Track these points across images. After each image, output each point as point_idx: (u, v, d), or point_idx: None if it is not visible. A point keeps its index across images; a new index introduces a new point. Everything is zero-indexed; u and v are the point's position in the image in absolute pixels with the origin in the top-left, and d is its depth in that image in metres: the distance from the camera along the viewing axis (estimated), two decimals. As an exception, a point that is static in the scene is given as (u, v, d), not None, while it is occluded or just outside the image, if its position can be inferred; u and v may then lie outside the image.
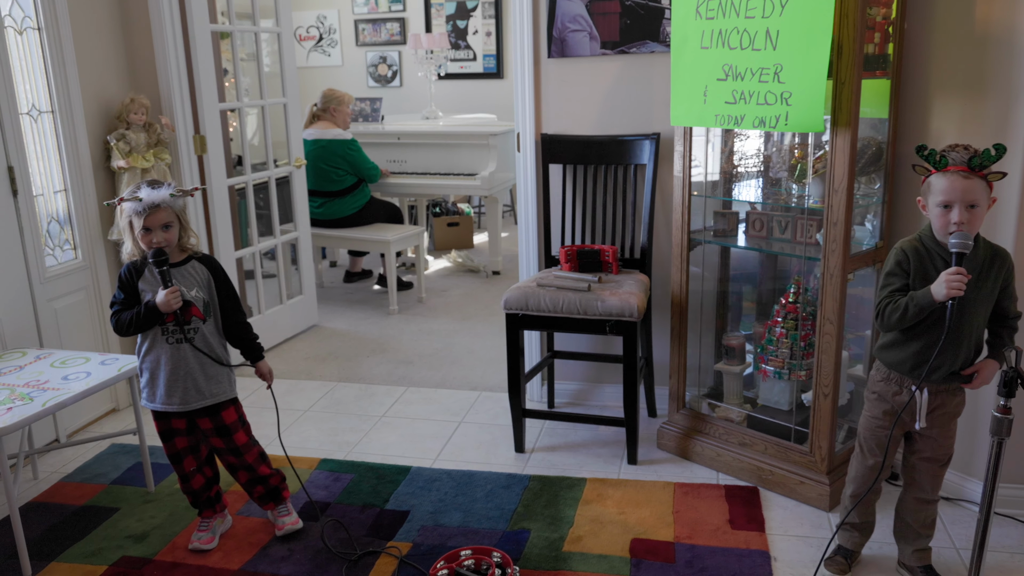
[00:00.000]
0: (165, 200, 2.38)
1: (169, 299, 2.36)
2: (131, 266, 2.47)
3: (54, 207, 3.47)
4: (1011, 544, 2.55)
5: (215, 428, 2.56)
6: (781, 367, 2.93)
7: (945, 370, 2.17)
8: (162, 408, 2.51)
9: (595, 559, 2.52)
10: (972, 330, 2.15)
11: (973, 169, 2.00)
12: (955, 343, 2.13)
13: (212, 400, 2.52)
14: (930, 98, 2.69)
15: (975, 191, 2.00)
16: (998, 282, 2.13)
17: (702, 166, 3.05)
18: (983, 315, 2.15)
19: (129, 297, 2.46)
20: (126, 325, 2.43)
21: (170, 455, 2.60)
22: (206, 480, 2.65)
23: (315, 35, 8.22)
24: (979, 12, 2.51)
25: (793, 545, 2.58)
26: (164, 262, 2.38)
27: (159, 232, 2.38)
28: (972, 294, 2.08)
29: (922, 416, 2.22)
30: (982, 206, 2.03)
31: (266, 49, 4.74)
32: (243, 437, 2.60)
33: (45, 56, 3.34)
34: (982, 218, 2.04)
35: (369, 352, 4.46)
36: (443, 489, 2.96)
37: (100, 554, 2.62)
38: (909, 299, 2.10)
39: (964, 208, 2.01)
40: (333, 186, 5.30)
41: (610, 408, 3.58)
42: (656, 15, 3.21)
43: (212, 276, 2.53)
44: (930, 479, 2.31)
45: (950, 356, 2.15)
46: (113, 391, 3.70)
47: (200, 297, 2.48)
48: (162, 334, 2.46)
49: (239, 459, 2.61)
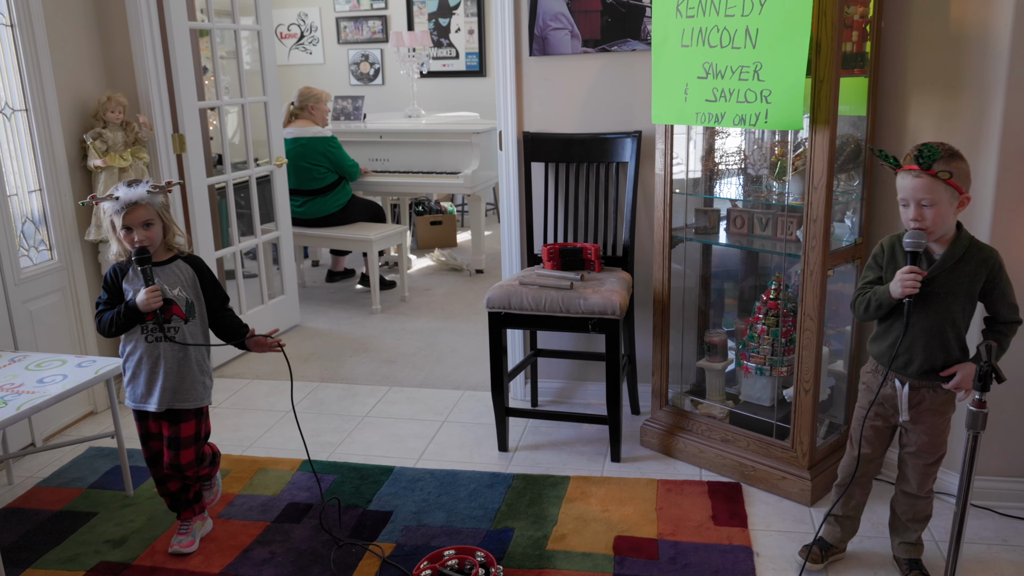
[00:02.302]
0: (143, 198, 2.38)
1: (148, 298, 2.35)
2: (116, 267, 2.46)
3: (29, 207, 3.43)
4: (988, 536, 2.58)
5: (169, 438, 2.52)
6: (763, 363, 2.95)
7: (919, 365, 2.19)
8: (138, 407, 2.51)
9: (579, 557, 2.52)
10: (945, 327, 2.15)
11: (921, 167, 2.03)
12: (925, 338, 2.16)
13: (181, 405, 2.50)
14: (907, 96, 2.70)
15: (929, 189, 2.03)
16: (976, 281, 2.13)
17: (683, 164, 3.05)
18: (960, 311, 2.16)
19: (113, 298, 2.46)
20: (108, 325, 2.43)
21: (147, 458, 2.59)
22: (184, 483, 2.63)
23: (296, 33, 8.17)
24: (954, 11, 2.53)
25: (775, 540, 2.59)
26: (146, 260, 2.37)
27: (140, 230, 2.37)
28: (941, 290, 2.11)
29: (904, 409, 2.24)
30: (940, 203, 2.04)
31: (246, 47, 4.71)
32: (190, 455, 2.54)
33: (18, 53, 3.30)
34: (944, 215, 2.06)
35: (352, 352, 4.44)
36: (426, 489, 2.95)
37: (77, 560, 2.59)
38: (872, 294, 2.19)
39: (918, 206, 2.06)
40: (314, 184, 5.27)
41: (593, 406, 3.58)
42: (637, 13, 3.21)
43: (197, 275, 2.51)
44: (916, 475, 2.32)
45: (921, 351, 2.18)
46: (91, 394, 3.66)
47: (183, 297, 2.46)
48: (142, 332, 2.45)
49: (178, 473, 2.56)
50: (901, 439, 2.34)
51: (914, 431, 2.28)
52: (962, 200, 2.08)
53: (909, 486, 2.34)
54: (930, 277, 2.10)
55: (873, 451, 2.36)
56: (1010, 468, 2.69)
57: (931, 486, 2.33)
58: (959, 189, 2.05)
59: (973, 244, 2.14)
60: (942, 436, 2.28)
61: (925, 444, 2.28)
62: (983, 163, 2.50)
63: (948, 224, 2.09)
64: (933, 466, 2.31)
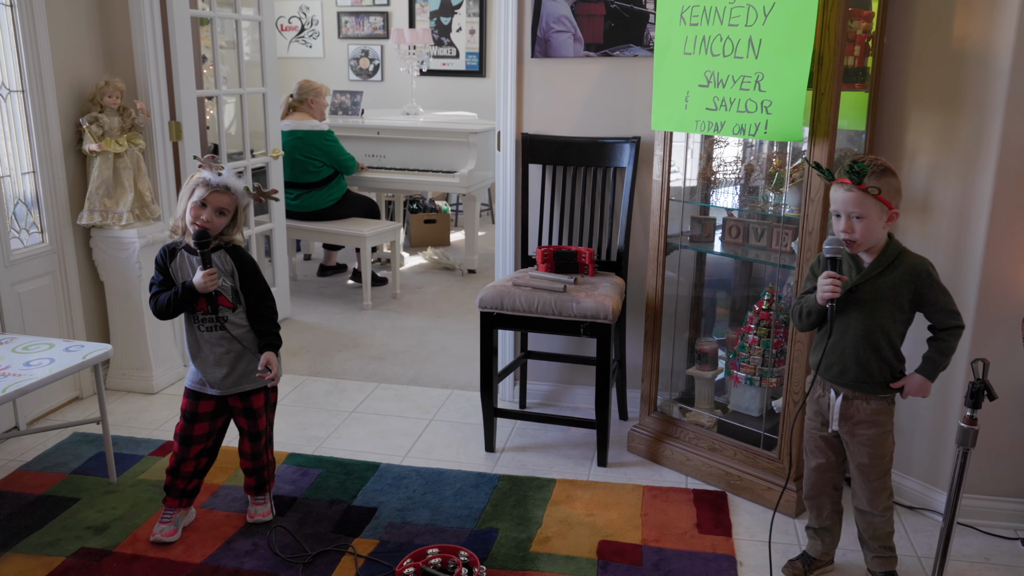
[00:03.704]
0: (237, 189, 2.44)
1: (206, 280, 2.39)
2: (164, 249, 2.50)
3: (21, 189, 3.40)
4: (971, 553, 2.59)
5: (243, 408, 2.59)
6: (752, 373, 2.95)
7: (855, 374, 2.22)
8: (196, 389, 2.56)
9: (562, 560, 2.52)
10: (876, 336, 2.19)
11: (854, 182, 2.09)
12: (856, 346, 2.21)
13: (239, 389, 2.56)
14: (906, 112, 2.71)
15: (858, 203, 2.11)
16: (902, 289, 2.17)
17: (681, 171, 3.06)
18: (890, 319, 2.18)
19: (167, 279, 2.49)
20: (165, 306, 2.46)
21: (182, 436, 2.59)
22: (196, 469, 2.63)
23: (297, 25, 8.15)
24: (956, 29, 2.54)
25: (759, 550, 2.59)
26: (205, 244, 2.40)
27: (211, 213, 2.41)
28: (868, 297, 2.17)
29: (835, 419, 2.29)
30: (870, 217, 2.11)
31: (246, 37, 4.69)
32: (263, 423, 2.64)
33: (17, 34, 3.27)
34: (872, 228, 2.13)
35: (341, 347, 4.43)
36: (412, 486, 2.94)
37: (58, 545, 2.57)
38: (803, 302, 2.27)
39: (848, 218, 2.13)
40: (309, 177, 5.26)
41: (582, 410, 3.59)
42: (640, 19, 3.22)
43: (236, 267, 2.53)
44: (863, 491, 2.32)
45: (854, 359, 2.21)
46: (77, 379, 3.64)
47: (228, 286, 2.50)
48: (194, 323, 2.50)
49: (254, 444, 2.64)
50: (847, 453, 2.35)
51: (852, 444, 2.30)
52: (891, 215, 2.14)
53: (861, 503, 2.35)
54: (856, 284, 2.17)
55: (827, 460, 2.38)
56: (995, 486, 2.70)
57: (886, 503, 2.32)
58: (888, 204, 2.12)
59: (903, 254, 2.19)
60: (880, 449, 2.27)
61: (864, 459, 2.28)
62: (980, 182, 2.51)
63: (877, 236, 2.16)
64: (878, 481, 2.29)
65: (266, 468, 2.71)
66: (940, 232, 2.64)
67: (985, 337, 2.57)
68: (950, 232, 2.62)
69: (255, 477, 2.70)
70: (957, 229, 2.59)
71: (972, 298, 2.57)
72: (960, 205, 2.57)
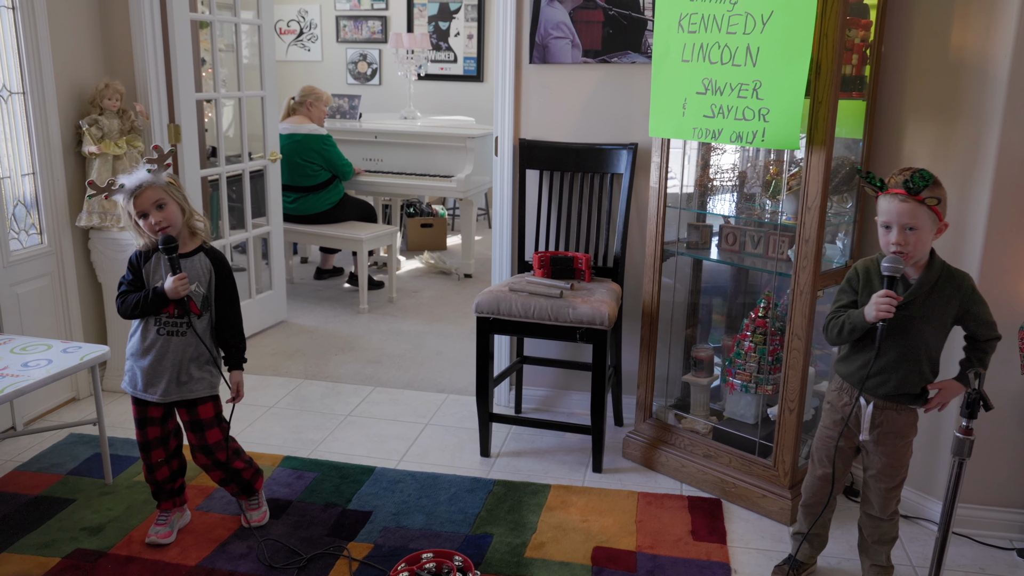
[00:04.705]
0: (145, 179, 2.38)
1: (176, 286, 2.37)
2: (139, 251, 2.47)
3: (21, 190, 3.41)
4: (965, 563, 2.59)
5: (190, 422, 2.53)
6: (748, 381, 2.96)
7: (891, 387, 2.21)
8: (138, 396, 2.50)
9: (557, 566, 2.52)
10: (919, 350, 2.17)
11: (910, 192, 2.05)
12: (897, 361, 2.18)
13: (189, 395, 2.50)
14: (904, 121, 2.73)
15: (913, 214, 2.06)
16: (950, 305, 2.15)
17: (678, 178, 3.07)
18: (934, 336, 2.18)
19: (137, 279, 2.46)
20: (132, 307, 2.43)
21: (140, 443, 2.56)
22: (171, 472, 2.62)
23: (295, 29, 8.16)
24: (954, 39, 2.55)
25: (753, 558, 2.60)
26: (173, 249, 2.38)
27: (155, 212, 2.38)
28: (918, 313, 2.14)
29: (866, 428, 2.26)
30: (923, 229, 2.07)
31: (245, 41, 4.70)
32: (217, 435, 2.56)
33: (18, 36, 3.28)
34: (925, 241, 2.09)
35: (337, 350, 4.43)
36: (407, 491, 2.95)
37: (53, 546, 2.57)
38: (847, 317, 2.20)
39: (902, 230, 2.07)
40: (307, 181, 5.26)
41: (577, 415, 3.59)
42: (639, 26, 3.23)
43: (214, 271, 2.50)
44: (878, 498, 2.33)
45: (893, 374, 2.19)
46: (74, 380, 3.64)
47: (199, 292, 2.47)
48: (153, 324, 2.45)
49: (211, 458, 2.57)
50: (864, 461, 2.35)
51: (875, 453, 2.29)
52: (940, 227, 2.11)
53: (872, 509, 2.35)
54: (906, 302, 2.12)
55: (837, 471, 2.38)
56: (990, 496, 2.70)
57: (895, 509, 2.34)
58: (940, 216, 2.09)
59: (946, 269, 2.17)
60: (903, 459, 2.28)
61: (886, 467, 2.28)
62: (977, 191, 2.52)
63: (926, 250, 2.13)
64: (894, 490, 2.31)
65: (241, 471, 2.64)
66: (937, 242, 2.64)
67: (980, 346, 2.57)
68: (947, 242, 2.61)
69: (234, 483, 2.65)
70: (954, 239, 2.59)
71: (968, 307, 2.57)
72: (957, 214, 2.58)
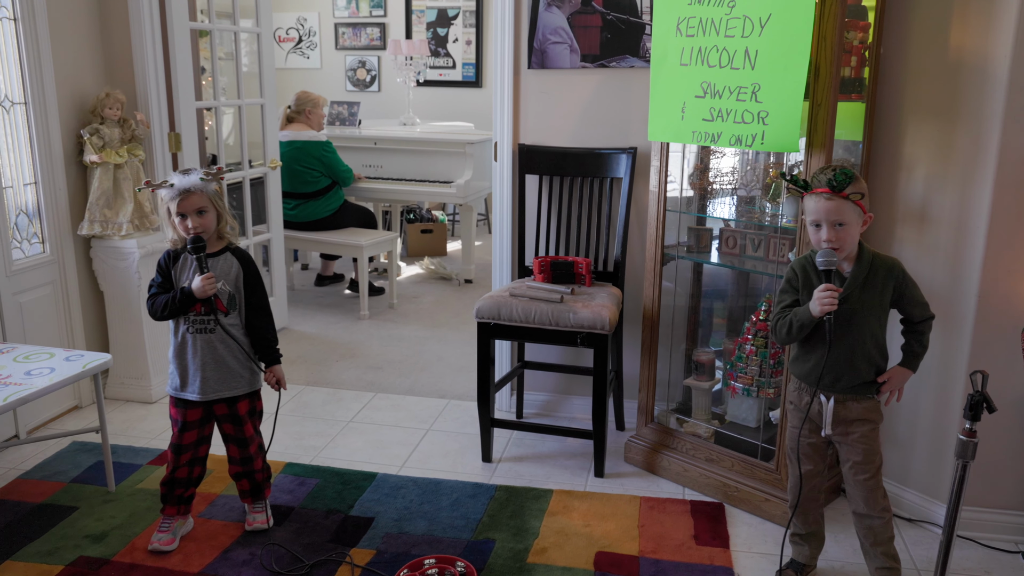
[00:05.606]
0: (196, 185, 2.45)
1: (204, 285, 2.43)
2: (168, 252, 2.54)
3: (23, 200, 3.41)
4: (971, 566, 2.59)
5: (229, 415, 2.61)
6: (750, 384, 2.96)
7: (847, 380, 2.25)
8: (177, 395, 2.57)
9: (559, 571, 2.52)
10: (866, 339, 2.22)
11: (834, 190, 2.12)
12: (848, 354, 2.23)
13: (228, 393, 2.57)
14: (903, 123, 2.73)
15: (839, 211, 2.13)
16: (886, 291, 2.21)
17: (678, 182, 3.07)
18: (877, 322, 2.23)
19: (166, 281, 2.52)
20: (161, 308, 2.49)
21: (173, 444, 2.61)
22: (190, 478, 2.64)
23: (295, 37, 8.18)
24: (953, 40, 2.55)
25: (756, 562, 2.59)
26: (201, 249, 2.44)
27: (194, 217, 2.45)
28: (857, 305, 2.20)
29: (828, 423, 2.29)
30: (850, 224, 2.14)
31: (245, 49, 4.71)
32: (250, 429, 2.65)
33: (20, 47, 3.29)
34: (853, 235, 2.17)
35: (338, 356, 4.43)
36: (409, 497, 2.94)
37: (57, 553, 2.57)
38: (793, 316, 2.26)
39: (831, 227, 2.14)
40: (307, 188, 5.27)
41: (578, 420, 3.59)
42: (637, 30, 3.24)
43: (243, 270, 2.57)
44: (859, 492, 2.31)
45: (845, 367, 2.24)
46: (76, 388, 3.64)
47: (225, 290, 2.53)
48: (183, 324, 2.52)
49: (242, 450, 2.65)
50: (840, 456, 2.36)
51: (845, 444, 2.30)
52: (866, 219, 2.18)
53: (858, 506, 2.34)
54: (845, 295, 2.18)
55: (815, 466, 2.40)
56: (995, 499, 2.70)
57: (883, 504, 2.31)
58: (864, 209, 2.16)
59: (877, 257, 2.23)
60: (872, 445, 2.29)
61: (859, 456, 2.29)
62: (977, 193, 2.52)
63: (855, 243, 2.19)
64: (872, 479, 2.29)
65: (258, 472, 2.71)
66: (938, 243, 2.65)
67: (984, 349, 2.58)
68: (948, 243, 2.63)
69: (247, 480, 2.71)
70: (955, 240, 2.60)
71: (971, 309, 2.57)
72: (958, 216, 2.58)
